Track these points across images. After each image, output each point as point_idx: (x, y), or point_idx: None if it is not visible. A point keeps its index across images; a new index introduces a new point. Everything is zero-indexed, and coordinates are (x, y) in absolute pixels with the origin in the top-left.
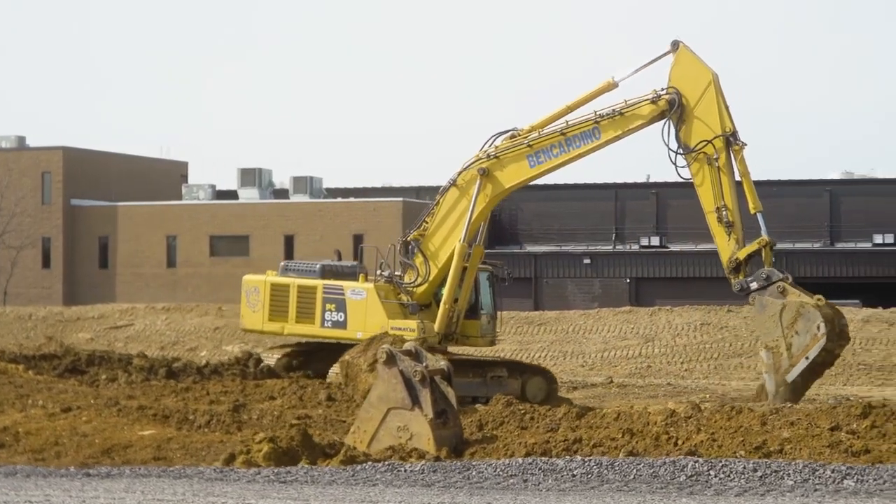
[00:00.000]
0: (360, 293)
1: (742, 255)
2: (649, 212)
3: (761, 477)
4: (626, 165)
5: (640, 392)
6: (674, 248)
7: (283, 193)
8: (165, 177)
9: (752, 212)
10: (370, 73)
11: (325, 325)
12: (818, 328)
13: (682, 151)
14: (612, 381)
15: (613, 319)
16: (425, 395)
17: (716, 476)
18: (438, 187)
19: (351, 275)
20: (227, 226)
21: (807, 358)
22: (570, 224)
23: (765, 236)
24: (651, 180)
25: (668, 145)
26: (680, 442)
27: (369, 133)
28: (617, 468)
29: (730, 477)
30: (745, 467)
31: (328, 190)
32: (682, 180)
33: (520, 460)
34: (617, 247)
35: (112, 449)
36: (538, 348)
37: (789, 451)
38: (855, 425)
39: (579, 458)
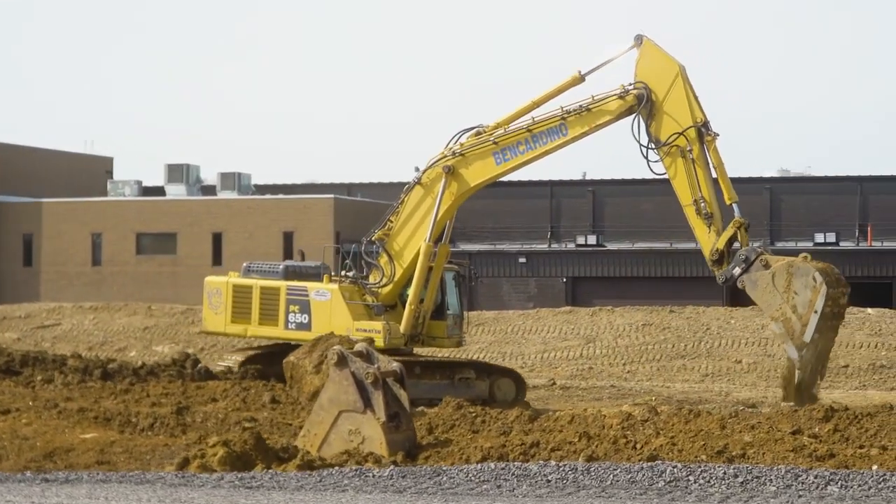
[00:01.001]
0: (325, 294)
1: (721, 244)
2: (585, 210)
3: (743, 483)
4: (562, 162)
5: (584, 394)
6: (611, 246)
7: (210, 190)
8: (90, 172)
9: (728, 202)
10: (295, 66)
11: (289, 326)
12: (814, 279)
13: (653, 146)
14: (554, 383)
15: (553, 320)
16: (378, 398)
17: (695, 482)
18: (370, 184)
19: (315, 276)
20: (154, 223)
21: (815, 311)
22: (504, 222)
23: (738, 217)
24: (587, 178)
25: (638, 141)
26: (638, 446)
27: (297, 129)
28: (593, 473)
29: (710, 483)
30: (725, 473)
31: (256, 186)
32: (617, 178)
33: (492, 465)
34: (552, 245)
35: (54, 452)
36: (477, 349)
37: (752, 455)
38: (817, 429)
39: (553, 462)
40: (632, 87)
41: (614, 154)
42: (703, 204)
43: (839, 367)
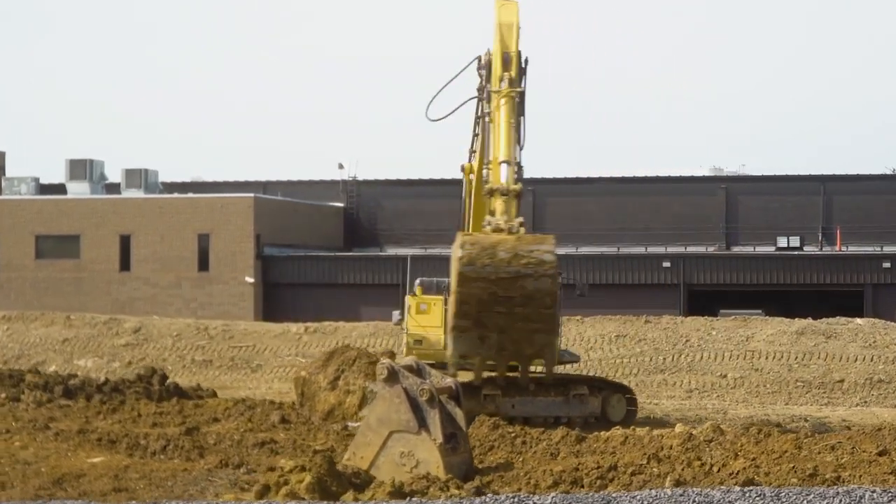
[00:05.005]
0: (423, 307)
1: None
2: (525, 211)
3: None
4: None
5: None
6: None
7: (113, 188)
8: None
9: (498, 161)
10: (199, 54)
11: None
12: (457, 252)
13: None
14: None
15: None
16: (433, 417)
17: None
18: (289, 182)
19: None
20: (55, 224)
21: (450, 293)
22: (435, 224)
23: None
24: (526, 176)
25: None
26: (716, 469)
27: (206, 122)
28: (783, 499)
29: None
30: None
31: (164, 184)
32: (559, 177)
33: (668, 491)
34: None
35: (63, 478)
36: None
37: (847, 478)
38: None
39: (737, 488)
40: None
41: (555, 149)
42: (486, 171)
43: (833, 382)
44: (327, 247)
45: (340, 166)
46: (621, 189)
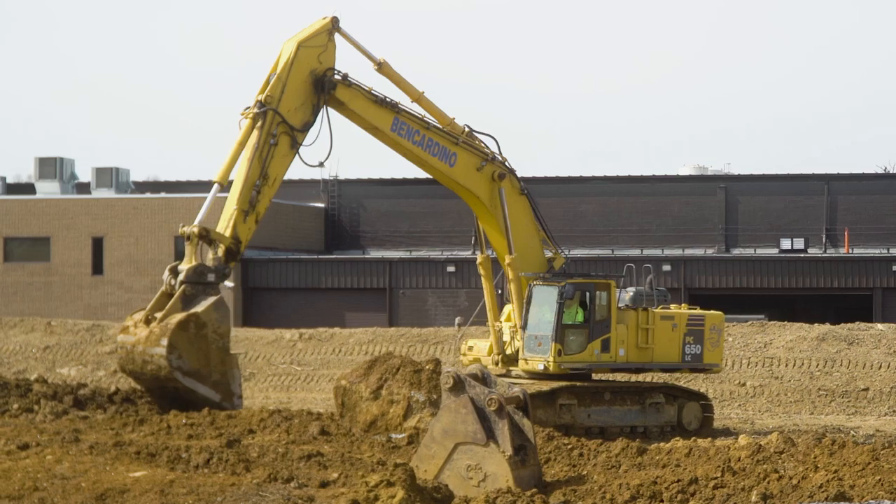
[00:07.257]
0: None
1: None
2: None
3: None
4: None
5: None
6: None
7: (83, 188)
8: None
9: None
10: (170, 54)
11: None
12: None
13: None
14: None
15: None
16: (502, 428)
17: None
18: None
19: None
20: (24, 226)
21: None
22: (420, 225)
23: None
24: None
25: None
26: (796, 480)
27: (177, 120)
28: None
29: None
30: None
31: (136, 184)
32: (551, 176)
33: None
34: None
35: (106, 494)
36: None
37: None
38: None
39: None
40: None
41: (547, 149)
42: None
43: (858, 391)
44: (308, 249)
45: (321, 165)
46: (616, 189)
